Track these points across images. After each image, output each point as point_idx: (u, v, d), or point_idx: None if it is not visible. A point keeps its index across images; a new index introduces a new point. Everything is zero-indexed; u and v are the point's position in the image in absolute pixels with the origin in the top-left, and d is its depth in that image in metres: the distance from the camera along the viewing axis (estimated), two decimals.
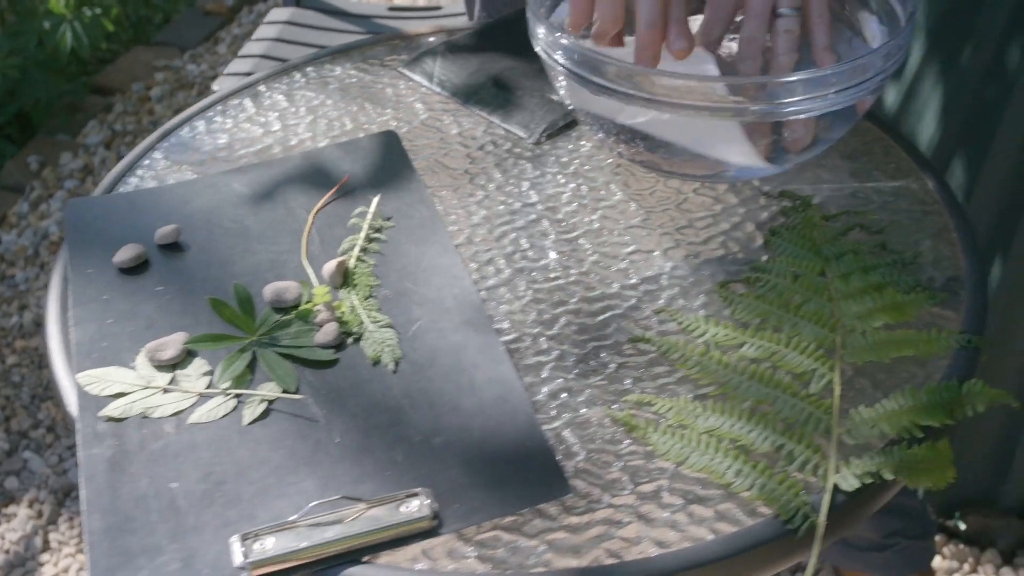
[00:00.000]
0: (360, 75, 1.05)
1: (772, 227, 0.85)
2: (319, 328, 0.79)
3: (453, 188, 0.91)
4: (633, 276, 0.82)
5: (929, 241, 0.85)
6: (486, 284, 0.82)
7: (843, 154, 0.93)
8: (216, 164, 0.94)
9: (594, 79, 0.81)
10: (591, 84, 0.82)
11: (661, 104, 0.80)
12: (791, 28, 0.85)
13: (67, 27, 2.36)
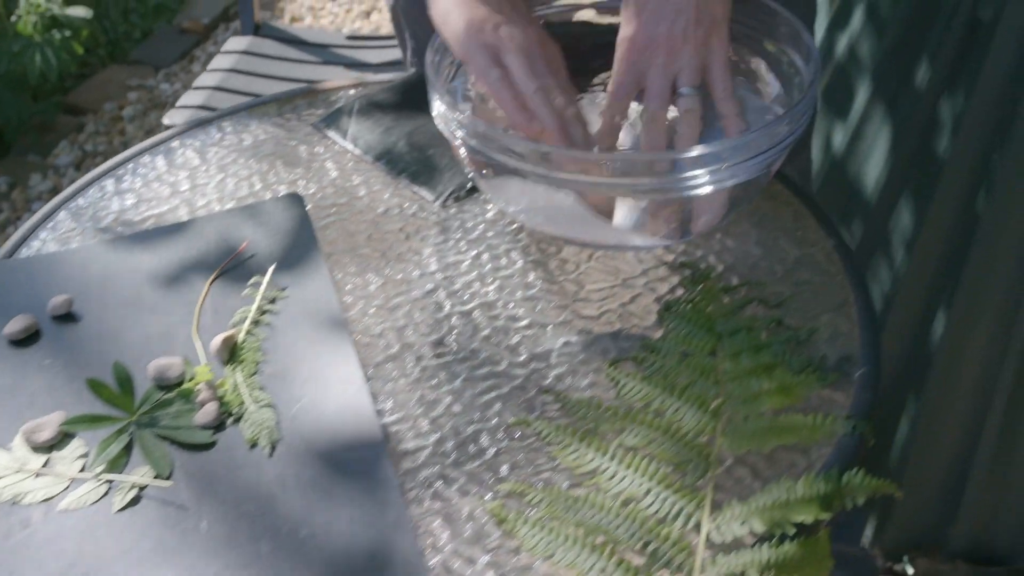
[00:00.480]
0: (276, 131, 1.04)
1: (667, 301, 0.84)
2: (200, 407, 0.78)
3: (353, 255, 0.90)
4: (523, 352, 0.81)
5: (827, 315, 0.83)
6: (374, 360, 0.81)
7: (752, 220, 0.92)
8: (121, 227, 0.93)
9: (490, 155, 0.80)
10: (487, 159, 0.81)
11: (557, 181, 0.79)
12: (692, 107, 0.84)
13: (36, 50, 2.35)
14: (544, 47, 0.86)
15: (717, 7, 0.85)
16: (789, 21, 0.90)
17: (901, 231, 1.42)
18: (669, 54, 0.84)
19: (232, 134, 1.03)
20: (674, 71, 0.84)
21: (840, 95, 1.49)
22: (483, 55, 0.84)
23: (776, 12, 0.91)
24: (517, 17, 0.86)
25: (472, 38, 0.85)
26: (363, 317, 0.84)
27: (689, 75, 0.84)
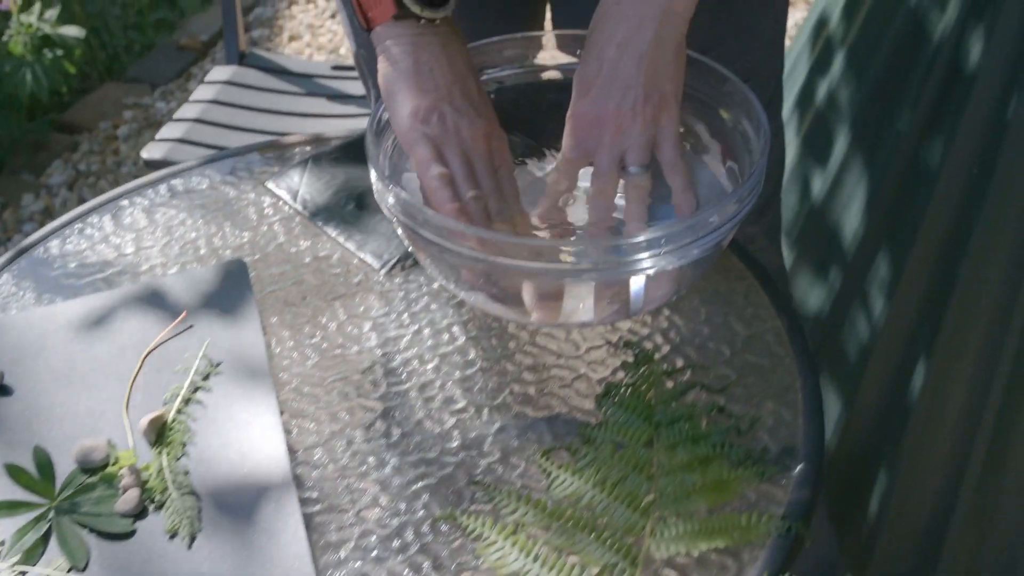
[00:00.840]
0: (227, 189, 1.02)
1: (607, 384, 0.82)
2: (123, 493, 0.76)
3: (293, 327, 0.88)
4: (456, 438, 0.79)
5: (772, 403, 0.81)
6: (304, 443, 0.79)
7: (703, 295, 0.90)
8: (61, 291, 0.92)
9: (425, 237, 0.78)
10: (423, 241, 0.79)
11: (493, 265, 0.77)
12: (639, 184, 0.83)
13: (27, 69, 2.34)
14: (489, 140, 0.85)
15: (667, 83, 0.83)
16: (741, 90, 0.88)
17: (880, 278, 1.39)
18: (616, 131, 0.82)
19: (182, 193, 1.02)
20: (622, 148, 0.82)
21: (820, 142, 1.46)
22: (425, 148, 0.82)
23: (727, 79, 0.89)
24: (466, 104, 0.84)
25: (415, 128, 0.83)
26: (297, 396, 0.83)
27: (637, 153, 0.82)
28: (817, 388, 0.82)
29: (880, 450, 1.43)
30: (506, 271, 0.78)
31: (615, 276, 0.79)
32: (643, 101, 0.81)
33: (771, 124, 1.08)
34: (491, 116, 0.86)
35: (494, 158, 0.85)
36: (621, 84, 0.82)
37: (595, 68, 0.83)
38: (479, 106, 0.85)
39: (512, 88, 0.96)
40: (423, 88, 0.84)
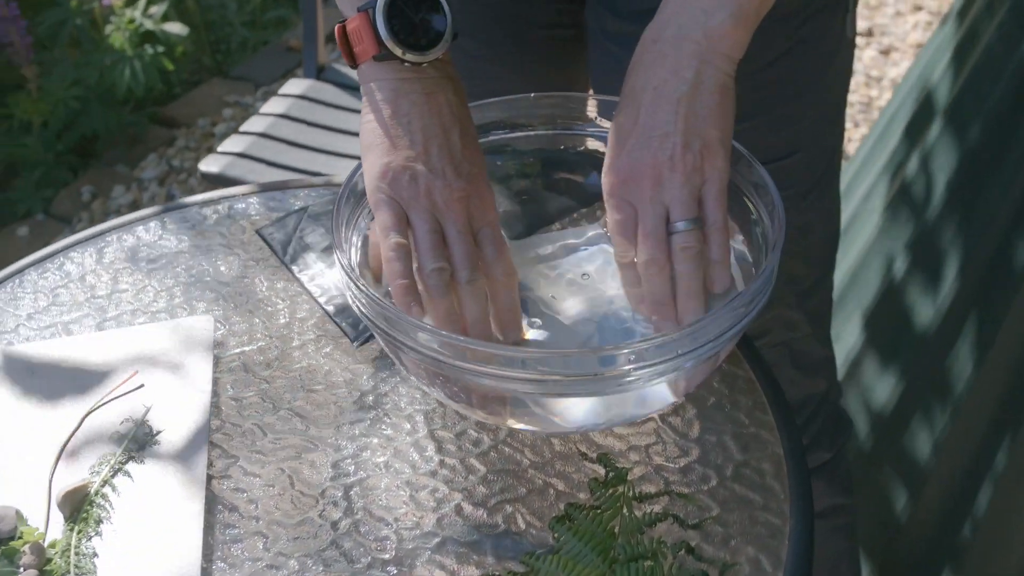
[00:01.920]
0: (220, 230, 0.96)
1: (567, 505, 0.72)
2: (21, 572, 0.70)
3: (246, 398, 0.81)
4: (389, 550, 0.71)
5: (752, 548, 0.71)
6: (225, 535, 0.72)
7: (701, 407, 0.80)
8: (23, 331, 0.87)
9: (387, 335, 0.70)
10: (389, 341, 0.71)
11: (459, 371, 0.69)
12: (688, 245, 0.72)
13: (126, 64, 2.35)
14: (466, 202, 0.75)
15: (710, 129, 0.73)
16: (758, 171, 0.77)
17: (955, 375, 1.26)
18: (655, 184, 0.72)
19: (173, 231, 0.96)
20: (664, 203, 0.72)
21: (905, 214, 1.33)
22: (387, 213, 0.74)
23: (740, 155, 0.78)
24: (443, 162, 0.75)
25: (380, 190, 0.74)
26: (232, 478, 0.76)
27: (681, 207, 0.72)
28: (809, 539, 0.71)
29: (943, 556, 1.29)
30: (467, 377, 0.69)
31: (592, 391, 0.70)
32: (682, 149, 0.72)
33: (823, 199, 0.97)
34: (475, 174, 0.76)
35: (474, 221, 0.75)
36: (658, 132, 0.72)
37: (631, 117, 0.74)
38: (460, 164, 0.76)
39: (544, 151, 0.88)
40: (397, 144, 0.75)
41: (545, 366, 0.68)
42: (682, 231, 0.72)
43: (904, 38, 2.82)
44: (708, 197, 0.73)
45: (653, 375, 0.69)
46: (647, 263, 0.73)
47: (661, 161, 0.72)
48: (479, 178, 0.77)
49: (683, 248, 0.72)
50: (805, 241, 0.96)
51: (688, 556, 0.70)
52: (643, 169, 0.73)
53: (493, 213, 0.77)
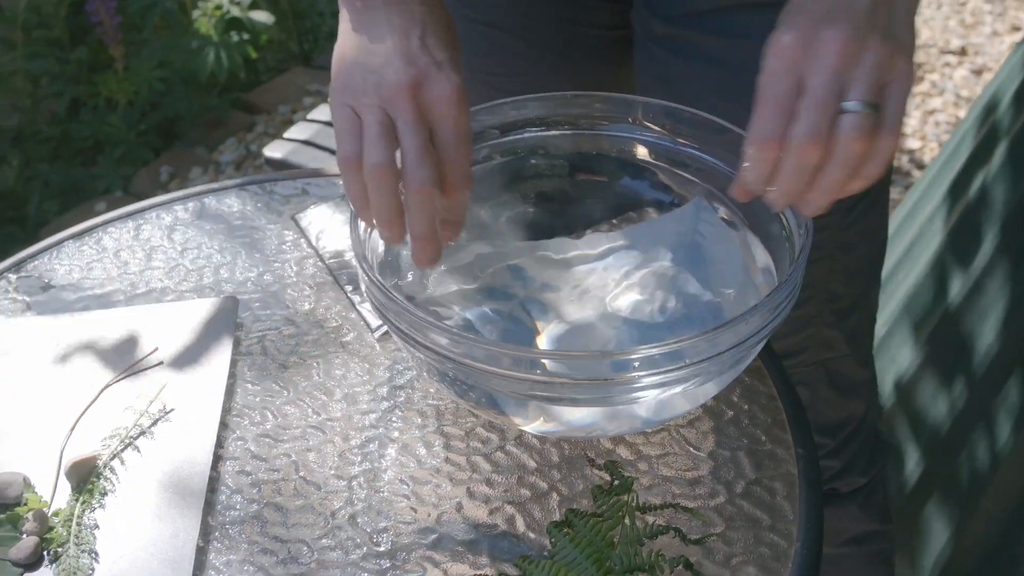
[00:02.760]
0: (255, 215, 0.96)
1: (568, 511, 0.71)
2: (23, 538, 0.71)
3: (262, 381, 0.81)
4: (385, 542, 0.71)
5: (754, 569, 0.69)
6: (227, 516, 0.72)
7: (718, 420, 0.78)
8: (53, 302, 0.88)
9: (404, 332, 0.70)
10: (403, 337, 0.70)
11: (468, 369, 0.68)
12: (860, 126, 0.62)
13: (211, 50, 2.38)
14: (416, 90, 0.68)
15: (907, 34, 0.65)
16: None
17: (1010, 405, 1.22)
18: (842, 57, 0.62)
19: (209, 214, 0.97)
20: (843, 81, 0.62)
21: (966, 239, 1.29)
22: (340, 118, 0.68)
23: None
24: (398, 57, 0.69)
25: (335, 98, 0.69)
26: (239, 460, 0.76)
27: (863, 87, 0.62)
28: (815, 564, 0.69)
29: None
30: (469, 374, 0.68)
31: (593, 396, 0.69)
32: (881, 36, 0.63)
33: (867, 219, 0.94)
34: (433, 64, 0.69)
35: (429, 113, 0.68)
36: (849, 14, 0.63)
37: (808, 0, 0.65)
38: (415, 55, 0.69)
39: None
40: (355, 54, 0.70)
41: (555, 368, 0.67)
42: (857, 111, 0.62)
43: (999, 58, 2.74)
44: (894, 92, 0.63)
45: (665, 382, 0.67)
46: (806, 136, 0.62)
47: (856, 36, 0.62)
48: (439, 68, 0.69)
49: (854, 129, 0.61)
50: (846, 258, 0.93)
51: (686, 572, 0.68)
52: (832, 38, 0.62)
53: (453, 108, 0.68)
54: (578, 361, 0.68)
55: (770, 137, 0.63)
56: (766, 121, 0.64)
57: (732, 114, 0.79)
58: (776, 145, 0.63)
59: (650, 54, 0.95)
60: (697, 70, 0.91)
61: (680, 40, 0.91)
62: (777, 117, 0.63)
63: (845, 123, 0.62)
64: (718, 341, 0.67)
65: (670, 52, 0.93)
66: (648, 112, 0.83)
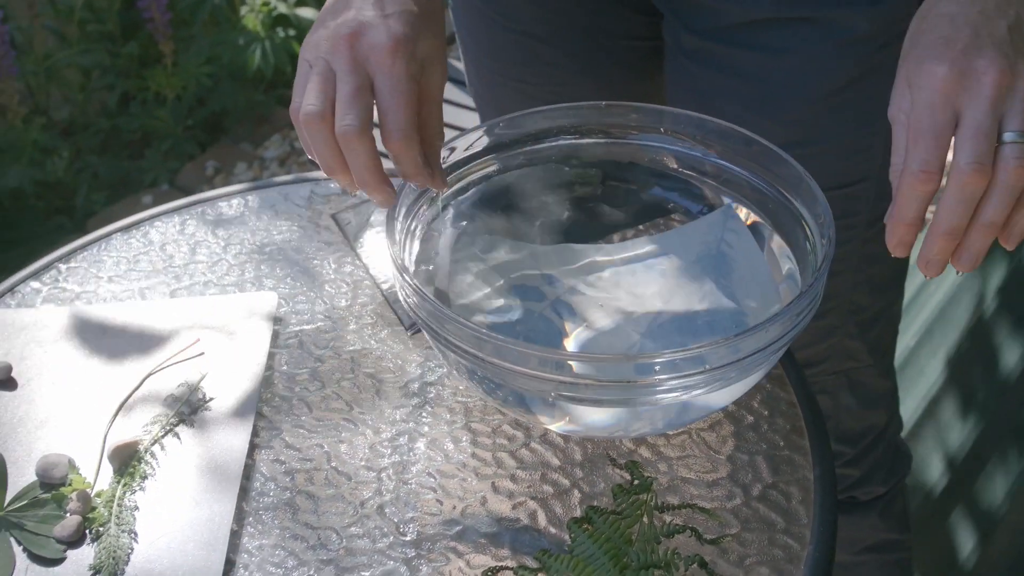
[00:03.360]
0: (299, 211, 0.99)
1: (588, 508, 0.73)
2: (67, 516, 0.74)
3: (298, 374, 0.84)
4: (412, 532, 0.73)
5: (767, 569, 0.71)
6: (260, 503, 0.76)
7: (738, 425, 0.80)
8: (100, 291, 0.92)
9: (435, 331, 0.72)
10: (434, 336, 0.73)
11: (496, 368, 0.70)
12: (1021, 158, 0.62)
13: (258, 46, 2.43)
14: (354, 41, 0.69)
15: None
16: (810, 187, 0.77)
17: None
18: (997, 87, 0.63)
19: (254, 209, 1.00)
20: (1002, 108, 0.63)
21: (1000, 251, 1.30)
22: (299, 78, 0.71)
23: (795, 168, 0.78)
24: (347, 11, 0.70)
25: (303, 50, 0.72)
26: (273, 448, 0.79)
27: (1019, 117, 0.63)
28: (827, 567, 0.71)
29: None
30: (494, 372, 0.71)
31: (625, 397, 0.71)
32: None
33: None
34: (379, 18, 0.70)
35: (367, 64, 0.69)
36: (995, 43, 0.64)
37: (948, 29, 0.66)
38: (361, 7, 0.70)
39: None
40: (321, 10, 0.73)
41: (581, 370, 0.69)
42: (1017, 142, 0.62)
43: None
44: None
45: (687, 386, 0.70)
46: (971, 164, 0.62)
47: (1005, 66, 0.63)
48: (385, 19, 0.70)
49: (1016, 158, 0.62)
50: (870, 269, 0.95)
51: (701, 570, 0.70)
52: (986, 70, 0.63)
53: (387, 56, 0.69)
54: (603, 363, 0.71)
55: (931, 170, 0.63)
56: (925, 152, 0.63)
57: (760, 127, 0.81)
58: (937, 177, 0.63)
59: (681, 66, 0.97)
60: (727, 83, 0.94)
61: (710, 53, 0.93)
62: (936, 149, 0.63)
63: (1007, 152, 0.62)
64: (739, 347, 0.69)
65: (700, 65, 0.95)
66: (678, 123, 0.85)
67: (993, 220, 0.63)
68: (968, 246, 0.64)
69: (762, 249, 0.82)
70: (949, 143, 0.63)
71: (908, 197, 0.64)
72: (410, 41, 0.70)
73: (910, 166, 0.64)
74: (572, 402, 0.73)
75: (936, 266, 0.66)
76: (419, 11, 0.72)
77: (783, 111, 0.91)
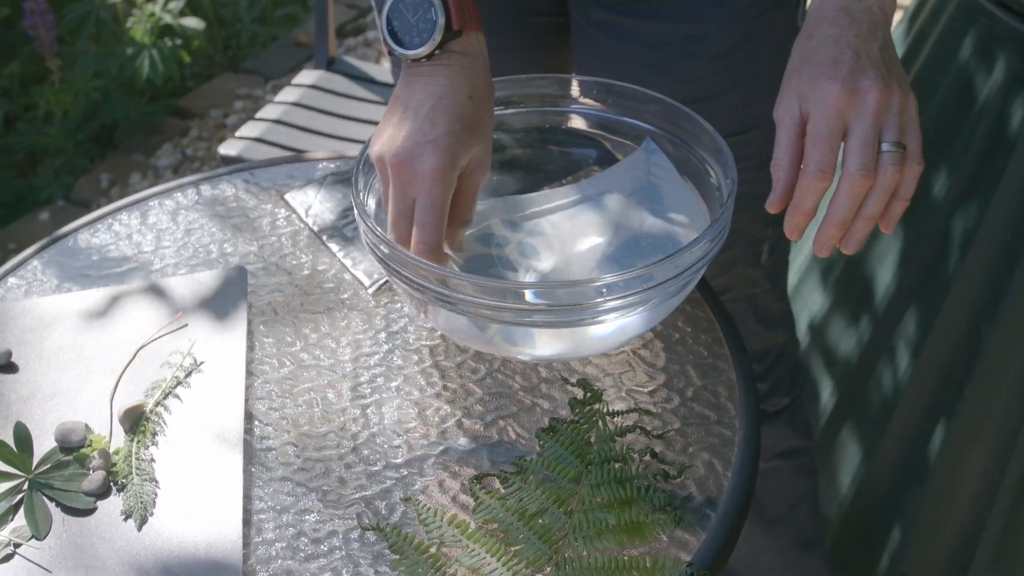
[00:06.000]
0: (248, 198, 1.09)
1: (552, 419, 0.85)
2: (92, 473, 0.83)
3: (277, 335, 0.94)
4: (401, 455, 0.84)
5: (707, 454, 0.84)
6: (262, 444, 0.85)
7: (667, 341, 0.93)
8: (79, 281, 1.00)
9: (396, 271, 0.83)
10: (395, 275, 0.84)
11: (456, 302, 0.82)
12: (896, 163, 0.77)
13: (146, 55, 2.48)
14: (400, 170, 0.83)
15: (903, 74, 0.81)
16: (711, 134, 0.91)
17: (909, 335, 1.39)
18: (879, 104, 0.77)
19: (207, 199, 1.09)
20: (882, 123, 0.77)
21: None
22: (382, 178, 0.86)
23: (703, 128, 0.91)
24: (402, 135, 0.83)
25: (374, 144, 0.86)
26: (266, 399, 0.89)
27: (894, 130, 0.78)
28: (754, 446, 0.84)
29: (897, 507, 1.42)
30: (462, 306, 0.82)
31: (569, 319, 0.83)
32: (897, 84, 0.79)
33: None
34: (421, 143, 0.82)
35: (407, 188, 0.83)
36: (873, 65, 0.78)
37: (835, 50, 0.79)
38: (414, 132, 0.83)
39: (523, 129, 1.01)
40: (384, 125, 0.87)
41: (534, 297, 0.81)
42: (892, 151, 0.77)
43: None
44: (911, 130, 0.79)
45: (627, 305, 0.82)
46: (858, 171, 0.76)
47: (884, 86, 0.77)
48: (432, 144, 0.82)
49: (892, 164, 0.76)
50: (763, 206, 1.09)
51: (652, 459, 0.83)
52: (870, 88, 0.77)
53: (427, 184, 0.82)
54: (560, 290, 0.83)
55: (827, 170, 0.78)
56: (822, 156, 0.78)
57: (662, 86, 0.95)
58: (831, 176, 0.78)
59: (589, 36, 1.10)
60: (632, 50, 1.07)
61: (617, 24, 1.07)
62: (831, 153, 0.78)
63: (885, 160, 0.77)
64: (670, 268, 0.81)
65: (607, 35, 1.08)
66: (592, 90, 0.98)
67: (873, 213, 0.79)
68: (852, 234, 0.80)
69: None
70: (840, 148, 0.79)
71: (806, 192, 0.79)
72: (452, 165, 0.83)
73: (809, 166, 0.79)
74: (531, 327, 0.84)
75: (828, 249, 0.82)
76: (464, 125, 0.84)
77: (681, 71, 1.05)
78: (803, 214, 0.81)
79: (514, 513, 0.79)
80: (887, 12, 0.83)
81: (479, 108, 0.87)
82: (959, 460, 1.36)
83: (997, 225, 1.28)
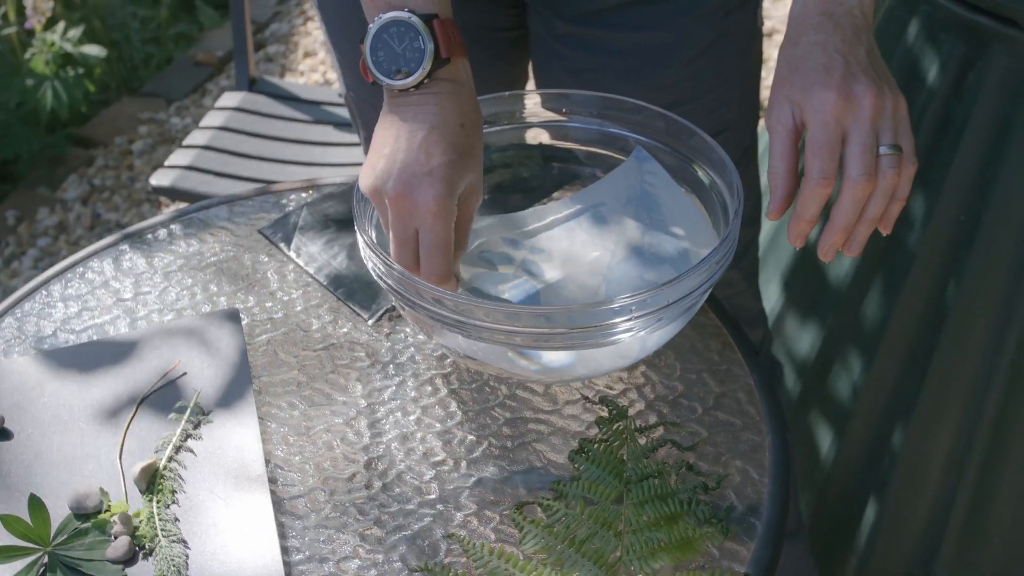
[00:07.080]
0: (223, 235, 1.05)
1: (581, 440, 0.85)
2: (114, 540, 0.79)
3: (281, 376, 0.92)
4: (434, 491, 0.83)
5: (740, 461, 0.84)
6: (288, 493, 0.83)
7: (678, 351, 0.93)
8: (61, 336, 0.96)
9: (407, 298, 0.81)
10: (406, 303, 0.82)
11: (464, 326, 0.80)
12: (894, 166, 0.78)
13: (48, 86, 2.39)
14: (399, 203, 0.80)
15: (891, 77, 0.82)
16: (716, 150, 0.91)
17: (870, 322, 1.42)
18: (874, 109, 0.78)
19: (181, 237, 1.05)
20: (878, 127, 0.78)
21: None
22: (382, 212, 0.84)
23: (697, 134, 0.91)
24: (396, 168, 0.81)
25: (365, 178, 0.83)
26: (283, 444, 0.86)
27: (890, 133, 0.79)
28: (785, 448, 0.85)
29: (868, 488, 1.45)
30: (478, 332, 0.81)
31: (585, 341, 0.82)
32: (887, 87, 0.80)
33: (747, 171, 1.12)
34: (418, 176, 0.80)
35: (409, 219, 0.81)
36: (863, 70, 0.79)
37: (823, 57, 0.80)
38: (410, 163, 0.81)
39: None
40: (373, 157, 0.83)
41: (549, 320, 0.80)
42: (890, 154, 0.78)
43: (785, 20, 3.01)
44: (903, 131, 0.80)
45: (645, 325, 0.82)
46: (861, 177, 0.77)
47: (877, 91, 0.78)
48: (429, 176, 0.80)
49: (890, 167, 0.77)
50: None
51: (688, 472, 0.83)
52: (864, 95, 0.78)
53: (429, 217, 0.80)
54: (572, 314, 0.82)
55: (829, 177, 0.78)
56: (823, 163, 0.78)
57: (634, 95, 0.95)
58: (833, 183, 0.78)
59: (551, 50, 1.09)
60: (599, 61, 1.06)
61: (581, 36, 1.06)
62: (831, 160, 0.78)
63: (884, 163, 0.78)
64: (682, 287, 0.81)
65: (571, 47, 1.08)
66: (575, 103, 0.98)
67: (874, 216, 0.80)
68: (855, 237, 0.82)
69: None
70: (839, 154, 0.79)
71: (810, 200, 0.80)
72: (451, 195, 0.81)
73: (811, 175, 0.79)
74: (547, 349, 0.83)
75: (832, 254, 0.83)
76: (459, 154, 0.82)
77: (652, 80, 1.05)
78: (807, 221, 0.82)
79: (563, 540, 0.78)
80: (867, 15, 0.84)
81: (470, 135, 0.85)
82: (926, 441, 1.39)
83: (950, 208, 1.31)
